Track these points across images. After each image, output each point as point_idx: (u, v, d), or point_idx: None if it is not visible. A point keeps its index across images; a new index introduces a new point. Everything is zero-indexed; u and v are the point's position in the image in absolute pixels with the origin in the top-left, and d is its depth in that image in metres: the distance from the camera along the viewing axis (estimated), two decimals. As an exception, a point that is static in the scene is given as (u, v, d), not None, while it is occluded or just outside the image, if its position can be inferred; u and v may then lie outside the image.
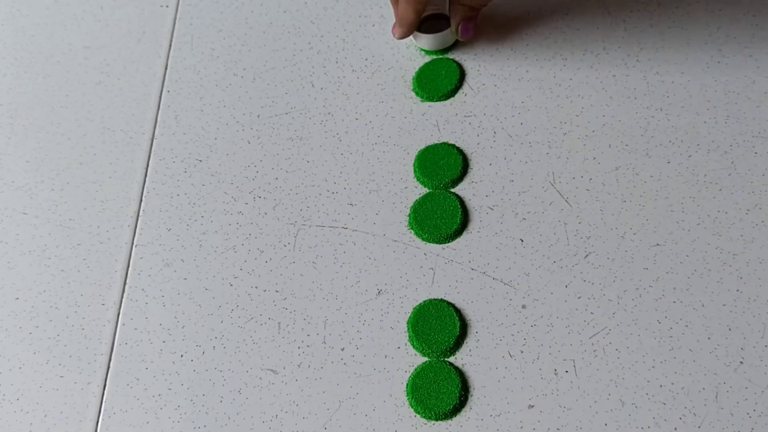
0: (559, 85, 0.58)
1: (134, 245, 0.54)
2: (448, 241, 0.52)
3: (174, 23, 0.64)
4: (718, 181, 0.52)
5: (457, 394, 0.46)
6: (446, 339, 0.48)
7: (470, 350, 0.48)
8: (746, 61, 0.57)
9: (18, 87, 0.62)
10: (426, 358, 0.48)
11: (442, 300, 0.50)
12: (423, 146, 0.56)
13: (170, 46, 0.63)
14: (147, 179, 0.56)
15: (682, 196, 0.52)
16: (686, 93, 0.56)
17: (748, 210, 0.51)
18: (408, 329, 0.49)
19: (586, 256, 0.50)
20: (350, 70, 0.60)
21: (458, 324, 0.48)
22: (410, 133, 0.57)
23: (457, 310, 0.49)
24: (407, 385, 0.47)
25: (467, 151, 0.56)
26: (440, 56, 0.60)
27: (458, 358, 0.48)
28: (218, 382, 0.48)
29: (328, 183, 0.55)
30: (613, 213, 0.52)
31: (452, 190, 0.54)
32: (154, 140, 0.58)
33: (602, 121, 0.56)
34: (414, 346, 0.48)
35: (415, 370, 0.48)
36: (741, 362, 0.46)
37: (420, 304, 0.49)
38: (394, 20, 0.62)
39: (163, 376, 0.49)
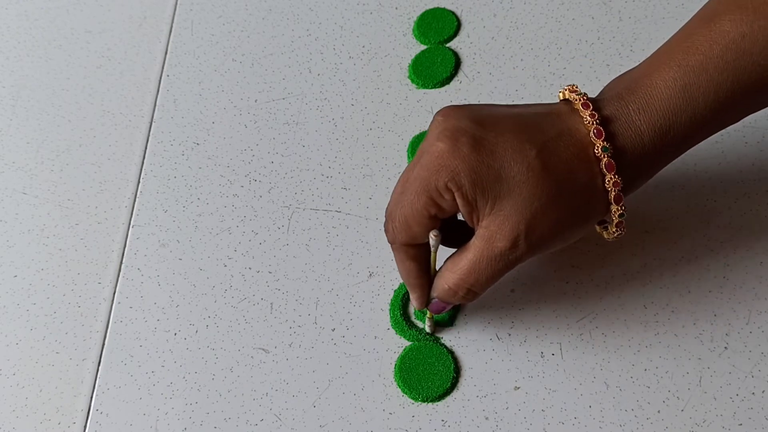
0: (553, 74, 0.58)
1: (131, 226, 0.55)
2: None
3: (174, 9, 0.65)
4: (707, 169, 0.53)
5: (450, 379, 0.47)
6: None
7: (458, 332, 0.49)
8: (739, 52, 0.57)
9: (20, 70, 0.63)
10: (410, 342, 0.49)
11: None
12: (417, 132, 0.57)
13: (170, 31, 0.64)
14: (145, 161, 0.57)
15: (671, 184, 0.52)
16: (679, 83, 0.57)
17: (737, 198, 0.51)
18: (391, 311, 0.50)
19: (575, 241, 0.51)
20: (347, 56, 0.61)
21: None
22: (405, 119, 0.57)
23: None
24: (395, 366, 0.48)
25: (461, 137, 0.56)
26: (436, 44, 0.60)
27: (446, 340, 0.49)
28: (210, 360, 0.49)
29: (322, 167, 0.56)
30: (603, 200, 0.52)
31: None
32: (153, 123, 0.59)
33: (595, 109, 0.56)
34: (397, 332, 0.49)
35: (403, 351, 0.48)
36: (725, 348, 0.47)
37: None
38: (390, 6, 0.63)
39: (157, 354, 0.49)
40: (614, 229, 0.43)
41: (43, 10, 0.66)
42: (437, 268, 0.45)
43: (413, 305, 0.47)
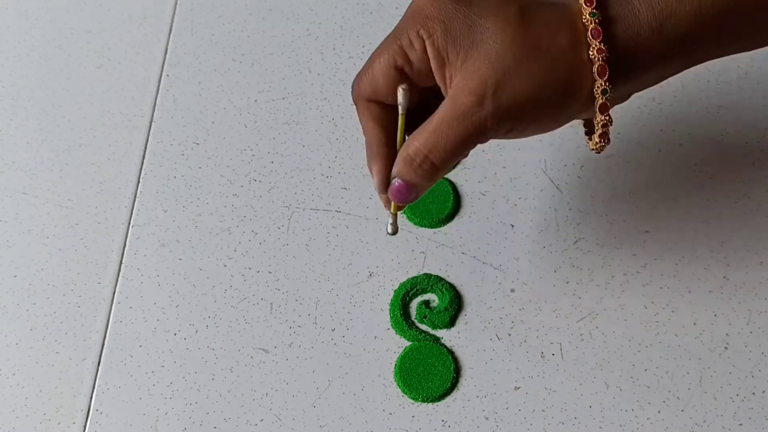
0: (553, 74, 0.58)
1: (131, 225, 0.55)
2: (440, 226, 0.53)
3: (174, 8, 0.65)
4: (708, 169, 0.53)
5: (450, 379, 0.47)
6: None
7: (458, 332, 0.49)
8: (739, 51, 0.57)
9: (20, 69, 0.63)
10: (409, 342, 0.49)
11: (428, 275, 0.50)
12: (417, 132, 0.56)
13: (170, 31, 0.64)
14: (145, 161, 0.57)
15: (672, 184, 0.52)
16: (679, 83, 0.57)
17: (737, 199, 0.51)
18: (391, 311, 0.50)
19: (576, 242, 0.51)
20: (347, 56, 0.61)
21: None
22: (405, 119, 0.57)
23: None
24: (395, 366, 0.48)
25: (461, 137, 0.56)
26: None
27: (446, 340, 0.49)
28: (210, 360, 0.49)
29: (322, 167, 0.56)
30: (604, 200, 0.52)
31: (445, 175, 0.55)
32: (153, 123, 0.59)
33: (595, 109, 0.56)
34: (397, 332, 0.49)
35: (403, 351, 0.48)
36: (725, 348, 0.47)
37: (405, 281, 0.50)
38: (390, 6, 0.63)
39: (157, 354, 0.49)
40: (597, 139, 0.40)
41: (43, 10, 0.66)
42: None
43: (375, 187, 0.42)
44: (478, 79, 0.37)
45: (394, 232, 0.44)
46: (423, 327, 0.49)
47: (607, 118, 0.39)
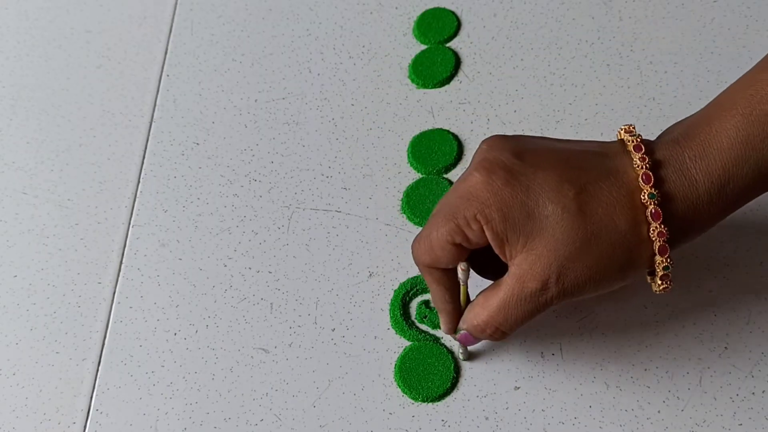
0: (553, 74, 0.58)
1: (131, 225, 0.55)
2: (440, 226, 0.52)
3: (174, 9, 0.65)
4: (708, 169, 0.53)
5: (450, 379, 0.47)
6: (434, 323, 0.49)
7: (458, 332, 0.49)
8: (739, 52, 0.57)
9: (20, 69, 0.63)
10: (409, 342, 0.49)
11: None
12: (417, 132, 0.57)
13: (170, 31, 0.64)
14: (145, 161, 0.57)
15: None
16: (679, 83, 0.57)
17: (737, 199, 0.51)
18: (391, 311, 0.50)
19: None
20: (347, 56, 0.61)
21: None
22: (405, 119, 0.57)
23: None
24: (395, 366, 0.48)
25: (461, 137, 0.56)
26: (436, 44, 0.60)
27: (446, 340, 0.49)
28: (210, 360, 0.49)
29: (322, 167, 0.56)
30: (603, 200, 0.52)
31: (445, 176, 0.55)
32: (153, 123, 0.59)
33: (595, 109, 0.56)
34: (397, 332, 0.49)
35: (403, 351, 0.48)
36: (725, 348, 0.47)
37: (405, 281, 0.50)
38: (390, 6, 0.63)
39: (157, 354, 0.49)
40: (659, 282, 0.41)
41: (43, 10, 0.66)
42: (471, 297, 0.44)
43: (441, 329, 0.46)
44: (541, 266, 0.39)
45: (467, 358, 0.48)
46: (423, 327, 0.49)
47: (669, 260, 0.40)
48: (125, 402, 0.48)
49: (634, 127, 0.41)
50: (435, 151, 0.55)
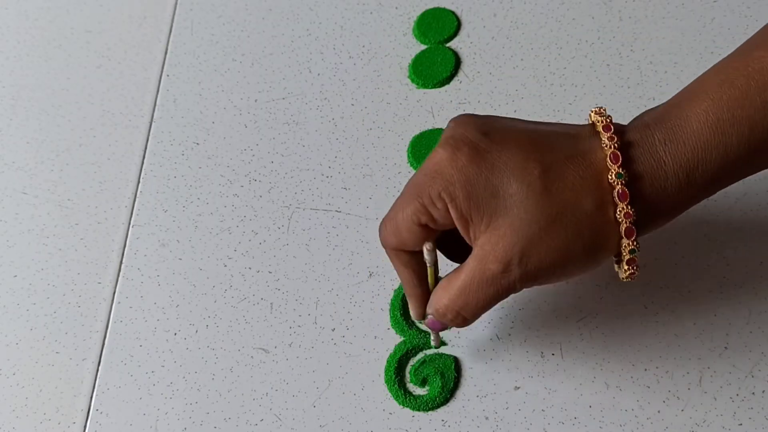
0: (553, 74, 0.58)
1: (131, 225, 0.55)
2: (440, 226, 0.52)
3: (174, 8, 0.65)
4: (708, 169, 0.53)
5: (450, 379, 0.47)
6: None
7: (458, 332, 0.49)
8: (739, 52, 0.57)
9: (20, 69, 0.63)
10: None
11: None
12: (417, 132, 0.57)
13: (170, 31, 0.64)
14: (145, 161, 0.57)
15: (671, 184, 0.52)
16: (679, 83, 0.56)
17: (737, 198, 0.51)
18: (391, 311, 0.50)
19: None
20: (347, 56, 0.61)
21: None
22: (405, 119, 0.57)
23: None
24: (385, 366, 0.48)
25: (461, 137, 0.56)
26: (436, 44, 0.60)
27: (446, 341, 0.49)
28: (210, 360, 0.49)
29: (322, 167, 0.56)
30: (603, 200, 0.52)
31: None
32: (153, 123, 0.59)
33: (595, 109, 0.56)
34: (397, 332, 0.49)
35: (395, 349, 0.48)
36: (725, 347, 0.47)
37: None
38: (390, 6, 0.63)
39: (157, 354, 0.49)
40: (626, 267, 0.40)
41: (43, 10, 0.66)
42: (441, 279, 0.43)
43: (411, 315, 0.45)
44: (503, 246, 0.38)
45: (439, 345, 0.47)
46: (423, 327, 0.49)
47: (635, 243, 0.39)
48: (125, 402, 0.48)
49: (604, 109, 0.40)
50: (435, 151, 0.55)
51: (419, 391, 0.47)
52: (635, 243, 0.38)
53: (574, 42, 0.59)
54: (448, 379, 0.47)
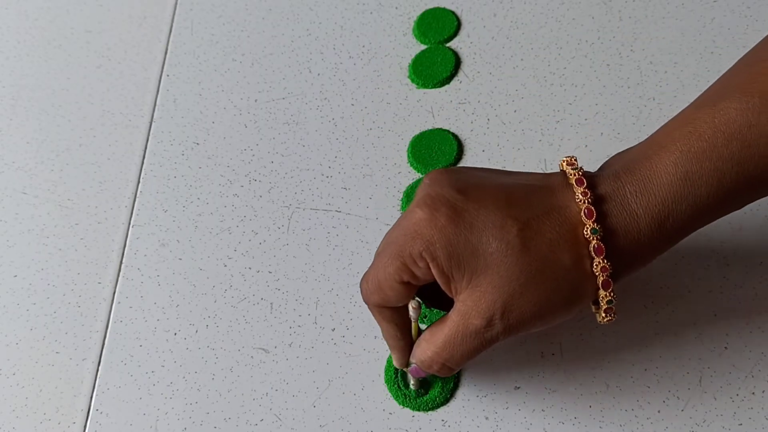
0: (553, 74, 0.58)
1: (131, 225, 0.55)
2: (440, 226, 0.52)
3: (174, 9, 0.65)
4: (708, 169, 0.53)
5: (450, 378, 0.47)
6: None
7: (458, 332, 0.49)
8: (739, 52, 0.57)
9: (20, 69, 0.63)
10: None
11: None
12: (417, 132, 0.57)
13: (170, 31, 0.64)
14: (145, 161, 0.57)
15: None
16: (679, 83, 0.57)
17: (737, 198, 0.51)
18: None
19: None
20: (347, 56, 0.61)
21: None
22: (405, 119, 0.57)
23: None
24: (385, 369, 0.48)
25: (461, 137, 0.56)
26: (436, 44, 0.60)
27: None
28: (210, 360, 0.49)
29: (322, 167, 0.56)
30: (603, 200, 0.52)
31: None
32: (153, 123, 0.59)
33: (595, 109, 0.56)
34: None
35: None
36: (725, 347, 0.47)
37: None
38: (390, 6, 0.63)
39: (157, 354, 0.49)
40: (603, 314, 0.41)
41: (43, 10, 0.66)
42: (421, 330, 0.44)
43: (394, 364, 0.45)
44: (485, 303, 0.39)
45: (418, 388, 0.47)
46: (423, 327, 0.49)
47: (612, 294, 0.40)
48: (125, 402, 0.48)
49: (575, 160, 0.41)
50: (435, 151, 0.55)
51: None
52: (612, 294, 0.39)
53: (574, 42, 0.59)
54: (448, 379, 0.47)
